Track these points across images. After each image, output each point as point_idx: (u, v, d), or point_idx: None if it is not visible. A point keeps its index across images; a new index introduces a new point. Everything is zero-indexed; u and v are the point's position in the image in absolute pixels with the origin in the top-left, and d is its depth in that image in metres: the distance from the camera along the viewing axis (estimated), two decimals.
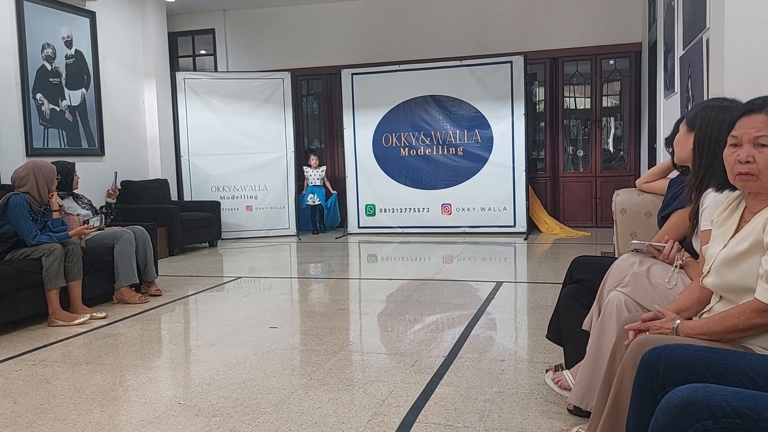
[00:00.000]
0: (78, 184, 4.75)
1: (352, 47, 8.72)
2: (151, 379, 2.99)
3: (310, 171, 8.48)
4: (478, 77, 7.76)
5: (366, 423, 2.34)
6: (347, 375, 2.93)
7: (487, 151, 7.77)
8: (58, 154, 5.93)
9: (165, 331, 3.95)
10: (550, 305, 4.03)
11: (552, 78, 8.35)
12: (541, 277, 5.18)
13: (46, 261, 3.89)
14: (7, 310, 3.73)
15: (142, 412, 2.51)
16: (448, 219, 7.93)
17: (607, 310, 2.07)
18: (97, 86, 6.80)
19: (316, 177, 8.48)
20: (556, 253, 6.58)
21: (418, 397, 2.59)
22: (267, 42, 9.03)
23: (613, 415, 1.72)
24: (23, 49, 5.88)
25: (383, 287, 4.99)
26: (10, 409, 2.58)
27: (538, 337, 3.38)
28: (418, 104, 8.00)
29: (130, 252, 4.51)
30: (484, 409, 2.44)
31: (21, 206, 3.93)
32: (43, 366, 3.15)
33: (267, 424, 2.35)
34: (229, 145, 8.02)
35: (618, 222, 3.00)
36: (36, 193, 4.02)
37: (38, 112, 6.06)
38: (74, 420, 2.45)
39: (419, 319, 3.94)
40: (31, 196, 4.00)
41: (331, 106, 9.08)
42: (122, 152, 7.21)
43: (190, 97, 7.99)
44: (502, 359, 3.08)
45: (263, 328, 3.81)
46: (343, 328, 3.79)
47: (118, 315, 4.18)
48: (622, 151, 8.44)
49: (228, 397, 2.65)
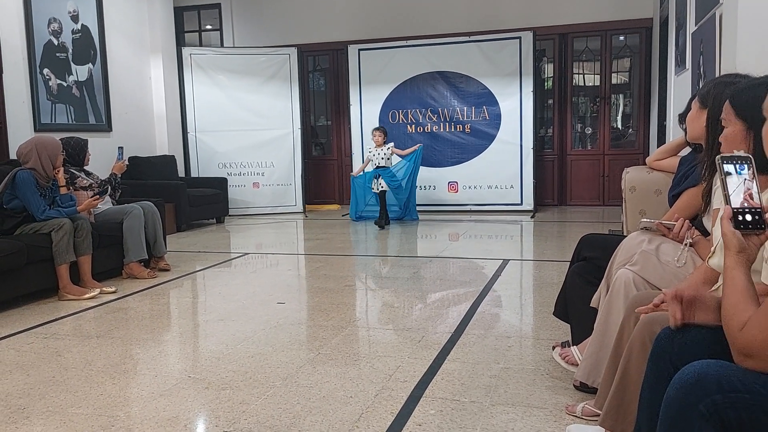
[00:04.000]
0: (89, 160, 4.75)
1: (359, 23, 8.63)
2: (161, 352, 3.03)
3: (374, 151, 7.14)
4: (486, 53, 7.69)
5: (373, 397, 2.37)
6: (354, 350, 2.95)
7: (495, 128, 7.73)
8: (65, 129, 5.94)
9: (174, 306, 3.99)
10: (557, 283, 4.05)
11: (561, 54, 8.26)
12: (548, 255, 5.18)
13: (56, 236, 3.92)
14: (18, 284, 3.77)
15: (152, 385, 2.55)
16: (454, 197, 7.92)
17: (615, 288, 2.08)
18: (103, 61, 6.77)
19: (381, 157, 7.09)
20: (563, 232, 6.58)
21: (425, 372, 2.61)
22: (273, 17, 8.95)
23: (620, 392, 1.73)
24: (29, 24, 5.86)
25: (389, 264, 5.01)
26: (23, 381, 2.63)
27: (545, 314, 3.39)
28: (425, 81, 7.94)
29: (139, 227, 4.53)
30: (491, 384, 2.46)
31: (28, 182, 3.95)
32: (54, 339, 3.19)
33: (276, 398, 2.38)
34: (235, 122, 8.01)
35: (627, 200, 2.98)
36: (41, 169, 4.03)
37: (45, 88, 6.05)
38: (86, 392, 2.48)
39: (425, 295, 3.96)
40: (37, 171, 4.02)
41: (338, 82, 9.02)
42: (129, 128, 7.21)
43: (196, 73, 7.96)
44: (508, 336, 3.10)
45: (271, 304, 3.84)
46: (350, 304, 3.82)
47: (127, 290, 4.22)
48: (631, 129, 8.38)
49: (237, 370, 2.69)
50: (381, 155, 7.09)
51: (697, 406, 1.18)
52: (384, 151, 7.10)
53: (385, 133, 7.22)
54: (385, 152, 7.10)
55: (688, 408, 1.20)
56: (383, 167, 7.06)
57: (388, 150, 7.12)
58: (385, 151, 7.10)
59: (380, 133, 7.18)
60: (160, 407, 2.32)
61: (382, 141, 7.13)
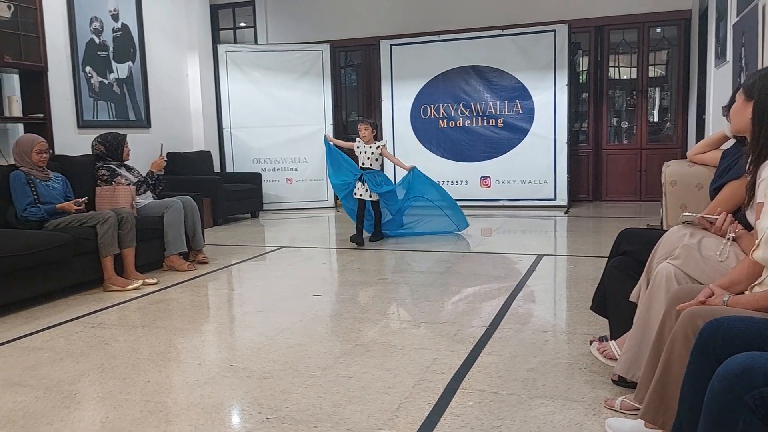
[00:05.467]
0: (129, 155, 4.87)
1: (392, 18, 8.64)
2: (204, 342, 3.11)
3: (361, 146, 5.73)
4: (521, 47, 7.63)
5: (411, 388, 2.40)
6: (391, 342, 2.99)
7: (528, 122, 7.67)
8: (106, 126, 6.10)
9: (213, 298, 4.08)
10: (592, 278, 4.03)
11: (597, 47, 8.15)
12: (583, 251, 5.14)
13: (101, 229, 4.05)
14: (65, 275, 3.91)
15: (197, 373, 2.62)
16: (487, 192, 7.89)
17: (656, 282, 2.07)
18: (143, 59, 6.93)
19: (368, 155, 5.67)
20: (598, 227, 6.51)
21: (462, 364, 2.64)
22: (306, 13, 9.02)
23: (661, 385, 1.73)
24: (72, 23, 6.03)
25: (422, 259, 5.03)
26: (74, 368, 2.73)
27: (581, 309, 3.38)
28: (458, 75, 7.92)
29: (179, 221, 4.65)
30: (528, 377, 2.47)
31: (14, 181, 4.11)
32: (101, 328, 3.30)
33: (316, 387, 2.43)
34: (269, 118, 8.12)
35: (667, 194, 2.95)
36: (27, 165, 4.18)
37: (88, 85, 6.23)
38: (134, 379, 2.57)
39: (459, 290, 3.98)
40: (27, 168, 4.17)
41: (370, 77, 9.06)
42: (167, 124, 7.37)
43: (231, 70, 8.09)
44: (545, 330, 3.10)
45: (307, 296, 3.90)
46: (385, 298, 3.86)
47: (168, 281, 4.33)
48: (669, 123, 8.23)
49: (277, 360, 2.75)
50: (368, 154, 5.68)
51: (743, 398, 1.19)
52: (373, 150, 5.68)
53: (374, 128, 5.79)
54: (374, 151, 5.68)
55: (734, 400, 1.21)
56: (369, 169, 5.68)
57: (378, 149, 5.68)
58: (373, 150, 5.67)
59: (367, 127, 5.72)
60: (205, 395, 2.40)
61: (372, 137, 5.72)
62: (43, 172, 4.26)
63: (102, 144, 4.74)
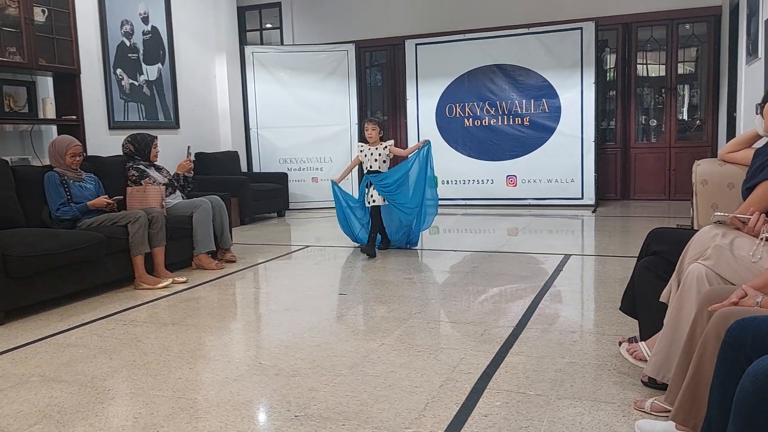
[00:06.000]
0: (157, 156, 4.94)
1: (417, 17, 8.64)
2: (232, 340, 3.16)
3: (366, 150, 5.25)
4: (546, 45, 7.57)
5: (438, 387, 2.41)
6: (417, 342, 3.00)
7: (555, 121, 7.61)
8: (137, 126, 6.21)
9: (241, 296, 4.13)
10: (621, 278, 3.99)
11: (624, 44, 8.04)
12: (611, 251, 5.09)
13: (132, 228, 4.13)
14: (98, 273, 4.00)
15: (226, 370, 2.67)
16: (513, 191, 7.85)
17: (687, 282, 2.05)
18: (172, 61, 7.04)
19: (375, 158, 5.19)
20: (626, 227, 6.43)
21: (489, 364, 2.64)
22: (332, 14, 9.06)
23: (692, 387, 1.71)
24: (104, 26, 6.15)
25: (448, 258, 5.03)
26: (107, 364, 2.79)
27: (609, 309, 3.35)
28: (484, 74, 7.89)
29: (207, 220, 4.72)
30: (556, 378, 2.46)
31: (48, 182, 4.21)
32: (133, 326, 3.37)
33: (343, 386, 2.45)
34: (295, 118, 8.18)
35: (698, 193, 2.91)
36: (61, 165, 4.28)
37: (119, 87, 6.35)
38: (165, 376, 2.63)
39: (486, 290, 3.97)
40: (60, 169, 4.27)
41: (395, 77, 9.07)
42: (196, 125, 7.48)
43: (258, 71, 8.17)
44: (572, 331, 3.08)
45: (333, 295, 3.93)
46: (411, 297, 3.87)
47: (197, 280, 4.40)
48: (699, 121, 8.08)
49: (305, 358, 2.78)
50: (375, 156, 5.19)
51: None
52: (380, 151, 5.19)
53: (381, 127, 5.30)
54: (382, 152, 5.18)
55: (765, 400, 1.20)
56: (376, 173, 5.20)
57: (386, 150, 5.19)
58: (381, 151, 5.18)
59: (375, 127, 5.23)
60: (234, 392, 2.43)
61: (378, 137, 5.24)
62: (77, 173, 4.36)
63: (131, 143, 4.83)
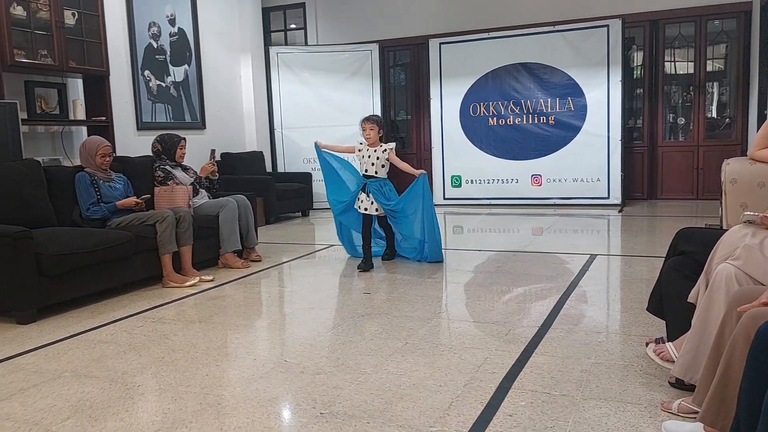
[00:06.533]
0: (183, 158, 4.99)
1: (440, 16, 8.62)
2: (258, 338, 3.20)
3: (365, 150, 4.74)
4: (572, 43, 7.51)
5: (462, 387, 2.41)
6: (441, 341, 3.01)
7: (581, 119, 7.54)
8: (164, 127, 6.31)
9: (267, 295, 4.18)
10: (647, 278, 3.94)
11: (651, 42, 7.93)
12: (637, 251, 5.02)
13: (160, 227, 4.20)
14: (127, 272, 4.08)
15: (252, 368, 2.70)
16: (538, 190, 7.79)
17: (716, 283, 2.02)
18: (198, 62, 7.13)
19: (372, 161, 4.68)
20: (653, 226, 6.35)
21: (513, 364, 2.63)
22: (355, 14, 9.09)
23: (721, 388, 1.69)
24: (132, 29, 6.26)
25: (472, 258, 5.01)
26: (137, 360, 2.85)
27: (635, 310, 3.32)
28: (508, 72, 7.85)
29: (233, 220, 4.77)
30: (582, 378, 2.45)
31: (79, 182, 4.30)
32: (161, 323, 3.43)
33: (368, 384, 2.47)
34: (319, 118, 8.22)
35: (727, 192, 2.87)
36: (91, 167, 4.37)
37: (146, 88, 6.46)
38: (193, 372, 2.67)
39: (510, 290, 3.95)
40: (91, 169, 4.35)
41: (418, 76, 9.06)
42: (221, 126, 7.57)
43: (282, 71, 8.24)
44: (598, 331, 3.05)
45: (357, 294, 3.95)
46: (435, 296, 3.87)
47: (223, 278, 4.46)
48: (728, 119, 7.93)
49: (329, 357, 2.80)
50: (373, 159, 4.67)
51: None
52: (379, 154, 4.67)
53: (381, 127, 4.76)
54: (381, 155, 4.67)
55: None
56: (373, 177, 4.69)
57: (385, 153, 4.67)
58: (380, 154, 4.67)
59: (373, 126, 4.70)
60: (261, 389, 2.46)
61: (377, 138, 4.72)
62: (106, 174, 4.45)
63: (159, 143, 4.91)
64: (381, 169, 4.70)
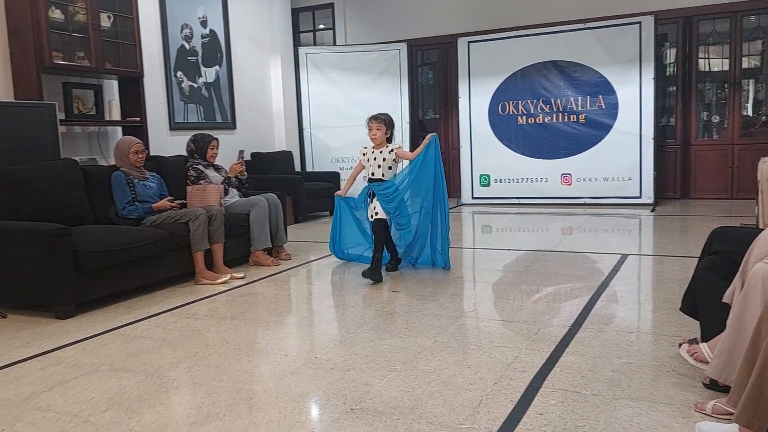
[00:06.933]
0: (214, 157, 5.07)
1: (469, 15, 8.59)
2: (289, 334, 3.24)
3: (369, 154, 4.42)
4: (603, 40, 7.42)
5: (492, 385, 2.41)
6: (471, 339, 3.01)
7: (612, 117, 7.44)
8: (196, 127, 6.42)
9: (296, 292, 4.22)
10: (680, 279, 3.88)
11: (685, 38, 7.79)
12: (670, 250, 4.95)
13: (193, 225, 4.28)
14: (161, 268, 4.16)
15: (283, 363, 2.74)
16: (567, 189, 7.72)
17: (752, 283, 1.99)
18: (228, 63, 7.24)
19: (379, 164, 4.34)
20: (686, 226, 6.24)
21: (543, 363, 2.62)
22: (384, 13, 9.11)
23: (757, 389, 1.67)
24: (165, 31, 6.38)
25: (500, 257, 4.99)
26: (171, 355, 2.91)
27: (668, 310, 3.27)
28: (538, 71, 7.79)
29: (264, 218, 4.83)
30: (613, 378, 2.43)
31: (115, 181, 4.41)
32: (194, 319, 3.50)
33: (397, 381, 2.49)
34: (347, 118, 8.27)
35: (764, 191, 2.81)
36: (126, 166, 4.48)
37: (179, 89, 6.58)
38: (226, 367, 2.72)
39: (540, 289, 3.93)
40: (128, 169, 4.45)
41: (447, 75, 9.05)
42: (251, 126, 7.67)
43: (311, 71, 8.31)
44: (630, 331, 3.02)
45: (385, 292, 3.97)
46: (463, 295, 3.87)
47: (254, 276, 4.52)
48: (765, 117, 7.75)
49: (359, 353, 2.83)
50: (379, 162, 4.34)
51: None
52: (385, 155, 4.34)
53: (389, 126, 4.41)
54: (387, 156, 4.34)
55: None
56: (379, 181, 4.36)
57: (392, 153, 4.35)
58: (386, 155, 4.34)
59: (379, 125, 4.35)
60: (292, 384, 2.50)
61: (384, 138, 4.39)
62: (141, 172, 4.55)
63: (193, 142, 5.00)
64: (387, 171, 4.36)
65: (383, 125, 4.37)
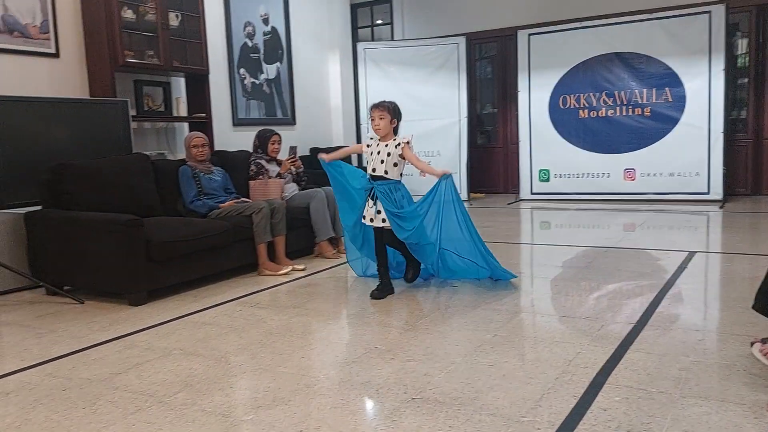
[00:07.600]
0: (276, 152, 5.17)
1: (529, 7, 8.45)
2: (349, 324, 3.31)
3: (374, 146, 3.86)
4: (670, 31, 7.16)
5: (554, 380, 2.40)
6: (531, 334, 2.99)
7: (678, 111, 7.18)
8: (257, 123, 6.58)
9: (354, 284, 4.27)
10: (750, 277, 3.74)
11: (758, 28, 7.43)
12: (740, 248, 4.75)
13: (256, 218, 4.40)
14: (226, 259, 4.31)
15: (345, 353, 2.80)
16: (631, 185, 7.50)
17: None
18: (289, 60, 7.38)
19: (382, 158, 3.77)
20: (757, 223, 5.98)
21: (607, 360, 2.58)
22: (442, 8, 9.07)
23: None
24: (229, 28, 6.56)
25: (561, 253, 4.92)
26: (237, 342, 3.02)
27: (738, 309, 3.16)
28: (600, 63, 7.59)
29: (324, 209, 4.92)
30: (680, 376, 2.37)
31: (182, 175, 4.60)
32: (258, 308, 3.61)
33: (457, 373, 2.50)
34: (404, 112, 7.96)
35: None
36: (191, 160, 4.67)
37: (241, 86, 6.76)
38: (289, 354, 2.80)
39: (602, 286, 3.86)
40: (194, 163, 4.63)
41: (506, 69, 8.93)
42: (310, 121, 7.80)
43: (369, 67, 8.36)
44: (698, 329, 2.93)
45: (443, 286, 3.97)
46: (522, 291, 3.83)
47: (314, 268, 4.61)
48: None
49: (419, 345, 2.85)
50: (383, 156, 3.77)
51: None
52: (390, 150, 3.78)
53: (394, 115, 3.87)
54: (392, 151, 3.77)
55: None
56: (382, 178, 3.78)
57: (398, 147, 3.77)
58: (392, 150, 3.77)
59: (383, 113, 3.80)
60: (354, 372, 2.55)
61: (391, 129, 3.84)
62: (206, 166, 4.71)
63: (257, 137, 5.15)
64: (392, 168, 3.76)
65: (387, 113, 3.80)
